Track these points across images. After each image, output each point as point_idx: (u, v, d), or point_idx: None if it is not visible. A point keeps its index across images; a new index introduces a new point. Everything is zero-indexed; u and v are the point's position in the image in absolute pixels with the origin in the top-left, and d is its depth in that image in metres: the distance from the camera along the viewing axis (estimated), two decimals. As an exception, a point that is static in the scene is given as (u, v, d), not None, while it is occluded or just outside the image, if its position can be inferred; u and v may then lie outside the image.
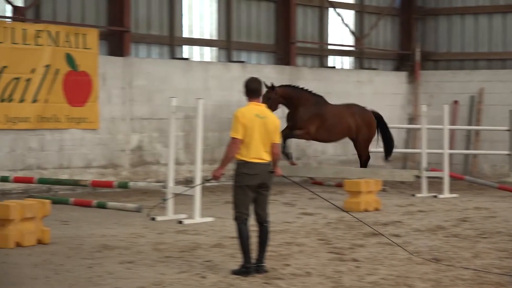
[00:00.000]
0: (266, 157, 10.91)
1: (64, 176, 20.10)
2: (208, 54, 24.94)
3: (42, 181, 18.69)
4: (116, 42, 22.08)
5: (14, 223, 12.52)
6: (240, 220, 10.89)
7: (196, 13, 24.40)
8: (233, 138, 10.80)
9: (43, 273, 10.69)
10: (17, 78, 19.66)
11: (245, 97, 11.26)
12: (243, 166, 10.84)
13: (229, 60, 24.84)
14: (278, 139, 11.05)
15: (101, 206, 16.97)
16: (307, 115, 22.50)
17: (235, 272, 10.88)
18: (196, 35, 24.44)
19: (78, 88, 20.67)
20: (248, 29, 25.51)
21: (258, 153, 10.83)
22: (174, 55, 23.63)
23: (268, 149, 10.92)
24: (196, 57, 24.51)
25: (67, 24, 21.06)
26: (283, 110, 22.60)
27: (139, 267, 11.21)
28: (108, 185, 18.22)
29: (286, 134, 22.02)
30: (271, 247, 12.03)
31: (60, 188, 19.72)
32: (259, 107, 11.04)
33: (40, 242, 12.82)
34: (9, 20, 20.18)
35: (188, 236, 13.91)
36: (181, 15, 23.93)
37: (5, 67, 19.47)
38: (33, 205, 12.93)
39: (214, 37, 24.85)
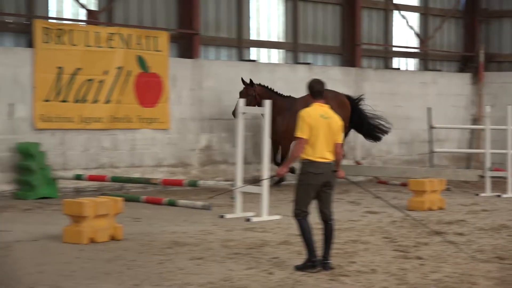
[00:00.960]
0: (330, 157, 10.89)
1: (135, 174, 20.27)
2: (275, 56, 25.00)
3: (114, 179, 18.88)
4: (186, 45, 22.22)
5: (88, 220, 12.63)
6: (301, 217, 10.89)
7: (263, 16, 24.47)
8: (299, 138, 10.80)
9: (116, 269, 10.79)
10: (90, 80, 19.88)
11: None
12: (309, 165, 10.81)
13: (296, 62, 24.88)
14: (340, 139, 11.03)
15: (172, 203, 17.10)
16: (283, 124, 21.05)
17: (300, 268, 10.87)
18: (263, 38, 24.52)
19: (149, 89, 20.84)
20: (314, 32, 25.51)
21: (322, 153, 10.81)
22: (242, 57, 23.71)
23: (331, 148, 10.90)
24: (263, 59, 24.60)
25: (138, 27, 21.24)
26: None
27: (208, 263, 11.26)
28: (178, 183, 18.34)
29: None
30: (337, 245, 12.03)
31: (132, 186, 19.89)
32: (323, 108, 11.02)
33: (113, 238, 12.93)
34: (83, 23, 20.42)
35: (256, 233, 13.93)
36: (249, 18, 24.03)
37: (79, 69, 19.70)
38: (106, 203, 13.06)
39: (281, 40, 24.91)
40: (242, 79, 21.01)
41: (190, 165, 21.90)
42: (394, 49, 27.98)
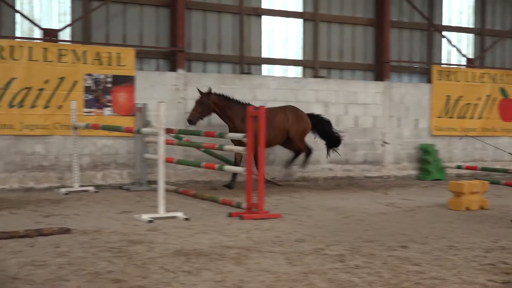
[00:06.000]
0: None
1: (497, 166, 19.35)
2: None
3: (483, 169, 18.13)
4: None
5: (465, 195, 12.24)
6: None
7: None
8: None
9: (483, 227, 10.27)
10: (468, 104, 19.47)
11: None
12: None
13: None
14: None
15: (523, 186, 16.12)
16: (242, 125, 14.41)
17: None
18: None
19: (508, 109, 19.92)
20: None
21: None
22: None
23: None
24: None
25: (501, 69, 20.31)
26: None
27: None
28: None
29: (238, 158, 14.90)
30: None
31: (495, 174, 18.94)
32: None
33: (481, 207, 12.40)
34: (463, 67, 19.92)
35: None
36: None
37: (460, 96, 19.36)
38: (477, 184, 12.55)
39: None
40: (198, 89, 15.05)
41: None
42: None
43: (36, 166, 14.56)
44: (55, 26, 15.27)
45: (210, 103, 14.68)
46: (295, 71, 18.14)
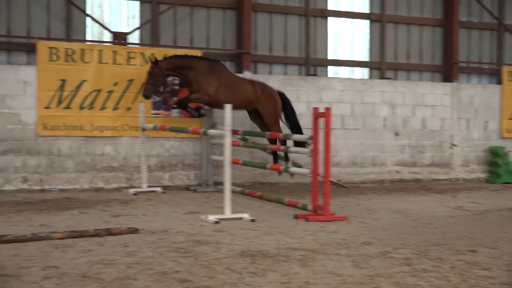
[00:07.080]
0: None
1: None
2: None
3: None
4: None
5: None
6: None
7: None
8: None
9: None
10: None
11: None
12: None
13: None
14: None
15: None
16: (202, 77, 13.76)
17: None
18: None
19: None
20: None
21: None
22: None
23: None
24: None
25: None
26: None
27: None
28: None
29: (182, 100, 13.97)
30: None
31: None
32: None
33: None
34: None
35: None
36: None
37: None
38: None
39: None
40: (149, 58, 14.51)
41: None
42: None
43: (106, 166, 14.88)
44: (124, 29, 15.60)
45: (162, 71, 13.73)
46: (361, 73, 18.01)
